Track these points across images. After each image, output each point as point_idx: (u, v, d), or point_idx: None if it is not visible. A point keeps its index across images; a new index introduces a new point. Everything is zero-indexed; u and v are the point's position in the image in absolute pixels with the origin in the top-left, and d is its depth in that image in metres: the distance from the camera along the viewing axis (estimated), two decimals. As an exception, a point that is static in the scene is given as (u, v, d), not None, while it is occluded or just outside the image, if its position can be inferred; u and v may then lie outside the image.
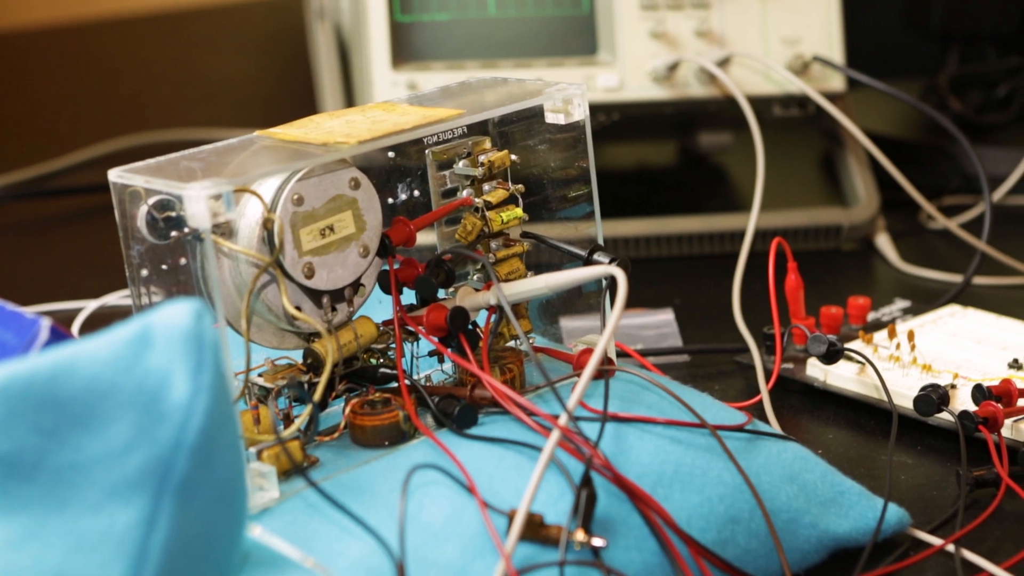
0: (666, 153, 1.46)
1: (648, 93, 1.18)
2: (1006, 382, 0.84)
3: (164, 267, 0.72)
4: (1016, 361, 0.91)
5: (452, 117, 0.77)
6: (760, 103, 1.18)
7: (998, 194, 1.27)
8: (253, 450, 0.70)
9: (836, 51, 1.20)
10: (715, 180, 1.39)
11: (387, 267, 0.78)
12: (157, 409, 0.55)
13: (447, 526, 0.67)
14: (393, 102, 0.81)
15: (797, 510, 0.73)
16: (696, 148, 1.39)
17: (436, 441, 0.72)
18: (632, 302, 1.05)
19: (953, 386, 0.87)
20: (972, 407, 0.83)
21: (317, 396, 0.73)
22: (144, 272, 0.72)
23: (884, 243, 1.20)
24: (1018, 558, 0.73)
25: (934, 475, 0.82)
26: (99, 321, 1.06)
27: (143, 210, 0.70)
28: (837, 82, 1.20)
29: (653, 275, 1.15)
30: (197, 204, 0.67)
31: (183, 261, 0.71)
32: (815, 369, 0.93)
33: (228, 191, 0.68)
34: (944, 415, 0.85)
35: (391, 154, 0.81)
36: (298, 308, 0.75)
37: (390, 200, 0.81)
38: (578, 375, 0.72)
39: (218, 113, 1.54)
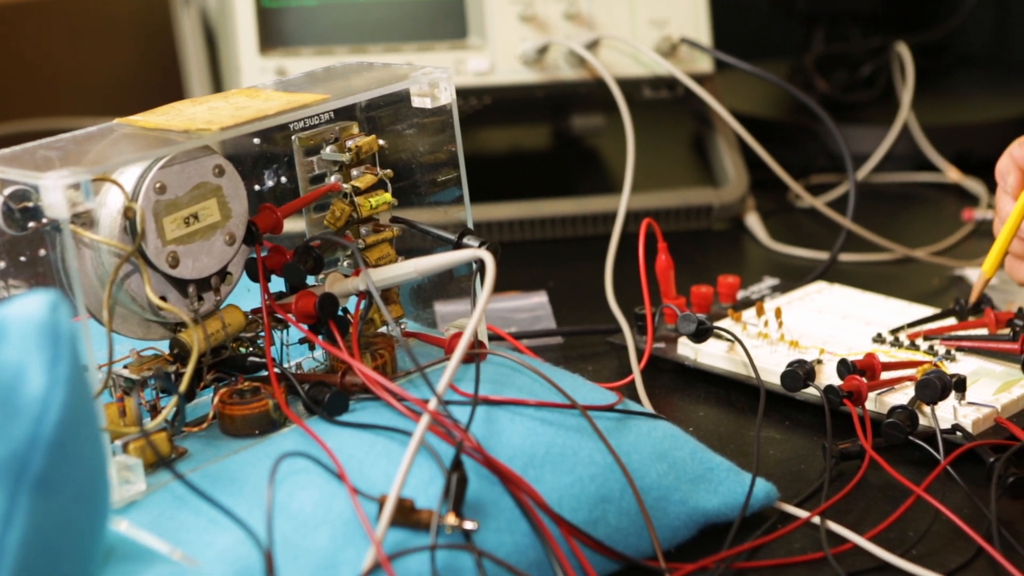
0: (540, 136, 1.46)
1: (519, 76, 1.18)
2: (870, 356, 0.86)
3: (23, 259, 0.70)
4: (880, 335, 0.93)
5: (317, 102, 0.77)
6: (629, 85, 1.19)
7: (862, 172, 1.30)
8: (119, 443, 0.69)
9: (703, 33, 1.21)
10: (588, 163, 1.40)
11: (254, 255, 0.78)
12: (11, 403, 0.54)
13: (317, 513, 0.66)
14: (257, 88, 0.80)
15: (667, 487, 0.74)
16: (569, 131, 1.40)
17: (306, 429, 0.72)
18: (506, 285, 1.06)
19: (819, 361, 0.89)
20: (837, 381, 0.85)
21: (183, 386, 0.72)
22: (1, 264, 0.70)
23: (753, 222, 1.22)
24: (881, 528, 0.74)
25: (801, 449, 0.84)
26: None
27: (-1, 201, 0.68)
28: (705, 64, 1.21)
29: (527, 258, 1.16)
30: (54, 194, 0.66)
31: (43, 252, 0.70)
32: (686, 348, 0.94)
33: (86, 180, 0.67)
34: (810, 390, 0.86)
35: (256, 140, 0.80)
36: (163, 298, 0.74)
37: (257, 187, 0.80)
38: (449, 359, 0.72)
39: (82, 102, 1.50)
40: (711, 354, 0.92)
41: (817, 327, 0.95)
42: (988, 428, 0.83)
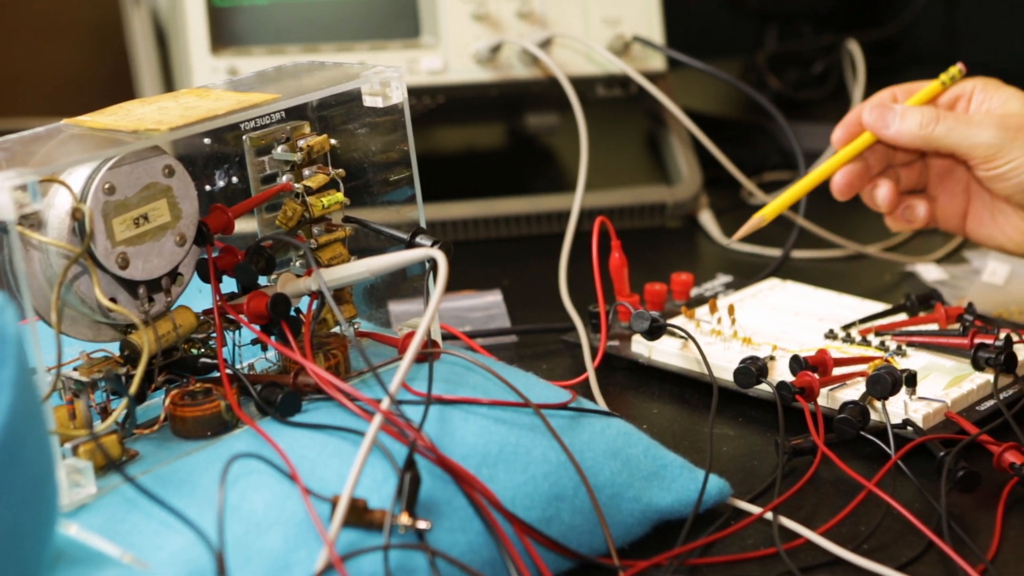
0: (493, 135, 1.46)
1: (472, 75, 1.18)
2: (822, 352, 0.86)
3: (-30, 261, 0.69)
4: (831, 332, 0.94)
5: (267, 102, 0.76)
6: (583, 84, 1.19)
7: (815, 169, 1.30)
8: (69, 446, 0.69)
9: (656, 31, 1.22)
10: (542, 161, 1.40)
11: (205, 255, 0.77)
12: (-43, 407, 0.53)
13: (269, 515, 0.66)
14: (207, 87, 0.80)
15: (620, 485, 0.74)
16: (524, 130, 1.40)
17: (258, 430, 0.72)
18: (461, 284, 1.06)
19: (772, 358, 0.89)
20: (790, 378, 0.85)
21: (134, 388, 0.71)
22: (-52, 267, 0.69)
23: (707, 220, 1.23)
24: (833, 523, 0.75)
25: (754, 445, 0.84)
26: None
27: (-56, 203, 0.67)
28: (657, 62, 1.22)
29: (481, 257, 1.16)
30: (1, 195, 0.65)
31: (-10, 254, 0.69)
32: (640, 346, 0.94)
33: (33, 181, 0.66)
34: (763, 386, 0.87)
35: (207, 140, 0.80)
36: (113, 299, 0.73)
37: (208, 187, 0.80)
38: (402, 359, 0.72)
39: (30, 103, 1.49)
40: (665, 351, 0.93)
41: (770, 324, 0.95)
42: (938, 423, 0.83)
